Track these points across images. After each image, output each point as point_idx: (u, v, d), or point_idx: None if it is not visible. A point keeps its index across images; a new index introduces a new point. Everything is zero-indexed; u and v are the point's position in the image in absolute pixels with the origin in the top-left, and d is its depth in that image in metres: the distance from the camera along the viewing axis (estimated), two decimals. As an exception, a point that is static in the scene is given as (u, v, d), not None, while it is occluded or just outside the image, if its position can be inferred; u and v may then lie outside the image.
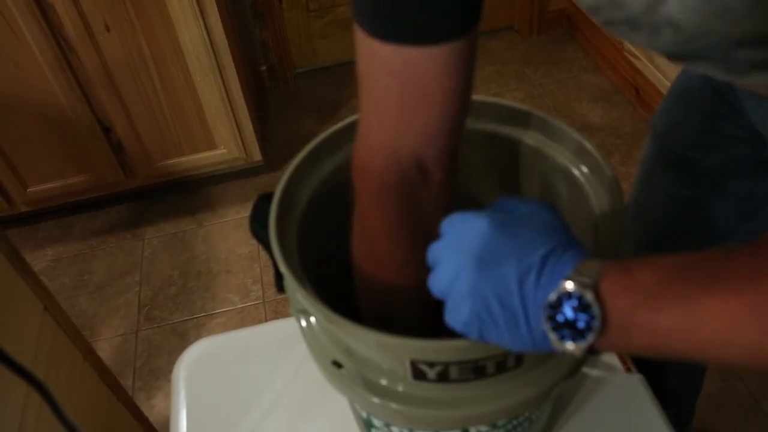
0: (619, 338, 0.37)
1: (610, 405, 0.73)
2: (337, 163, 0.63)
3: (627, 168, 2.02)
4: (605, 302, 0.36)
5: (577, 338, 0.37)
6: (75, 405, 0.85)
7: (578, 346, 0.37)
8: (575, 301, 0.37)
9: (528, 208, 0.44)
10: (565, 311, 0.37)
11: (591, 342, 0.37)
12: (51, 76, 1.65)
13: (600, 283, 0.37)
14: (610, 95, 2.30)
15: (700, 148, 0.77)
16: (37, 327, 0.80)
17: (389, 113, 0.50)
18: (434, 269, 0.44)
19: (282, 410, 0.76)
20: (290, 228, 0.58)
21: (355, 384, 0.51)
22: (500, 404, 0.49)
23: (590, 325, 0.36)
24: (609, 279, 0.37)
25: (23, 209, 1.91)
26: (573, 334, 0.37)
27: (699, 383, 1.12)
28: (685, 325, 0.33)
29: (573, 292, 0.37)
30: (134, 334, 1.71)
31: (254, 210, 0.59)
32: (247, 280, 1.82)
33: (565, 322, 0.37)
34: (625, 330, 0.36)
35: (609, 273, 0.37)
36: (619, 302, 0.36)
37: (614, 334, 0.37)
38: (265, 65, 2.43)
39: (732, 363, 0.34)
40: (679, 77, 0.80)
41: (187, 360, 0.83)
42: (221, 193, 2.09)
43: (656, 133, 0.84)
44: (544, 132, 0.62)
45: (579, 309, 0.37)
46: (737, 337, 0.32)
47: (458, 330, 0.43)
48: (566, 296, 0.37)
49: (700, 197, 0.80)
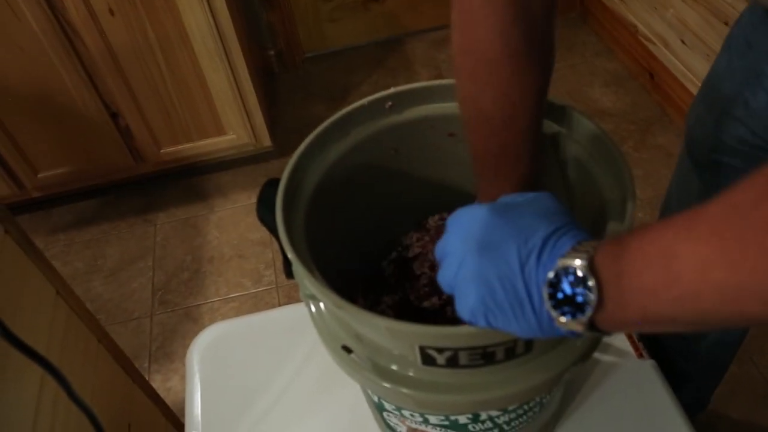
0: (616, 309, 0.37)
1: (621, 390, 0.73)
2: (344, 148, 0.63)
3: (640, 154, 2.00)
4: (600, 274, 0.36)
5: (577, 313, 0.37)
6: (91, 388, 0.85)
7: (579, 321, 0.38)
8: (572, 277, 0.37)
9: (527, 197, 0.44)
10: (563, 287, 0.37)
11: (590, 315, 0.37)
12: (56, 61, 1.65)
13: (595, 257, 0.37)
14: (623, 80, 2.27)
15: (720, 146, 0.77)
16: (50, 312, 0.80)
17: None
18: (441, 263, 0.45)
19: (294, 393, 0.77)
20: (297, 213, 0.58)
21: (365, 369, 0.51)
22: (510, 390, 0.49)
23: (587, 299, 0.37)
24: (602, 252, 0.37)
25: (34, 194, 1.93)
26: (573, 309, 0.37)
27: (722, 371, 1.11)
28: (666, 279, 0.33)
29: (569, 268, 0.37)
30: (149, 318, 1.73)
31: (261, 195, 0.59)
32: (260, 265, 1.82)
33: (565, 298, 0.38)
34: (619, 299, 0.36)
35: (603, 246, 0.37)
36: (610, 272, 0.36)
37: (611, 305, 0.37)
38: (273, 50, 2.42)
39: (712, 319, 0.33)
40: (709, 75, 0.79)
41: (200, 344, 0.84)
42: (232, 178, 2.09)
43: (687, 130, 0.83)
44: (560, 121, 0.62)
45: (576, 284, 0.37)
46: (710, 281, 0.32)
47: (466, 319, 0.43)
48: (564, 272, 0.37)
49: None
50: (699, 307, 0.33)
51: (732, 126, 0.73)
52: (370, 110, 0.63)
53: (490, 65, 0.52)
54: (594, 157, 0.58)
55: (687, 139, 0.84)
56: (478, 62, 0.53)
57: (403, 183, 0.70)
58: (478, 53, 0.52)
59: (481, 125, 0.56)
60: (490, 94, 0.53)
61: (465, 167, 0.69)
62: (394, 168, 0.68)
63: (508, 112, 0.54)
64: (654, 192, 1.88)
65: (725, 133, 0.74)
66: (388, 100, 0.64)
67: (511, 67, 0.52)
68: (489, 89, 0.53)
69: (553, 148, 0.62)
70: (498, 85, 0.53)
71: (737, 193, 0.32)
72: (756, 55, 0.67)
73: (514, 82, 0.53)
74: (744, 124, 0.71)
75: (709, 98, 0.78)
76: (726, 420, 1.39)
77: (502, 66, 0.52)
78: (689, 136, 0.84)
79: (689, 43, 1.92)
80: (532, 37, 0.52)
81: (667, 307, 0.34)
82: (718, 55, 0.77)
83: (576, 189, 0.61)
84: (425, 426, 0.60)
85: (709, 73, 0.79)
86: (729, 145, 0.75)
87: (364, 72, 2.44)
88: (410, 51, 2.52)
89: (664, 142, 2.03)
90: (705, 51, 1.84)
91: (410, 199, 0.71)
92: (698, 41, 1.87)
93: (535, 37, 0.52)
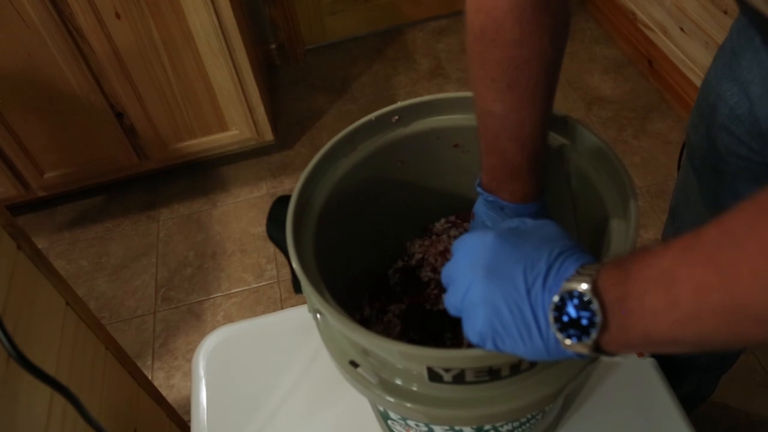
0: (620, 332, 0.38)
1: (622, 389, 0.74)
2: (352, 162, 0.64)
3: (639, 141, 2.00)
4: (603, 297, 0.37)
5: (582, 336, 0.38)
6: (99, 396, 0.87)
7: (585, 344, 0.39)
8: (576, 300, 0.38)
9: (531, 223, 0.45)
10: (568, 310, 0.38)
11: (595, 338, 0.38)
12: (63, 63, 1.66)
13: (598, 279, 0.38)
14: (622, 67, 2.27)
15: (712, 153, 0.77)
16: (60, 322, 0.82)
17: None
18: (449, 288, 0.46)
19: (299, 397, 0.78)
20: (307, 230, 0.59)
21: (372, 384, 0.52)
22: (515, 404, 0.50)
23: (592, 321, 0.38)
24: (604, 275, 0.38)
25: (40, 194, 1.94)
26: (578, 332, 0.38)
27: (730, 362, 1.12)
28: (666, 302, 0.34)
29: (574, 291, 0.38)
30: (152, 315, 1.75)
31: (271, 213, 0.59)
32: (261, 259, 1.84)
33: (570, 321, 0.38)
34: (622, 322, 0.37)
35: (605, 269, 0.38)
36: (612, 295, 0.37)
37: (615, 328, 0.38)
38: (275, 43, 2.42)
39: (712, 341, 0.34)
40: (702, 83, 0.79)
41: (205, 348, 0.84)
42: (234, 173, 2.10)
43: (686, 136, 0.84)
44: (563, 132, 0.62)
45: (580, 307, 0.38)
46: (708, 305, 0.33)
47: (474, 342, 0.44)
48: (568, 296, 0.38)
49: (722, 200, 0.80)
50: (699, 330, 0.34)
51: (720, 134, 0.73)
52: (378, 124, 0.64)
53: (496, 24, 0.52)
54: (597, 169, 0.59)
55: (687, 145, 0.85)
56: (485, 21, 0.53)
57: (409, 193, 0.71)
58: (486, 12, 0.52)
59: (487, 89, 0.55)
60: (496, 54, 0.53)
61: (469, 176, 0.70)
62: (400, 179, 0.69)
63: (512, 75, 0.53)
64: (653, 179, 1.88)
65: (714, 140, 0.75)
66: (395, 114, 0.64)
67: (517, 29, 0.52)
68: (495, 49, 0.53)
69: (557, 159, 0.63)
70: (504, 46, 0.52)
71: (731, 219, 0.33)
72: (740, 63, 0.68)
73: (519, 45, 0.52)
74: (729, 133, 0.72)
75: (700, 106, 0.78)
76: (724, 409, 1.40)
77: (509, 27, 0.52)
78: (688, 142, 0.84)
79: (688, 31, 1.91)
80: (542, 3, 0.51)
81: (668, 330, 0.35)
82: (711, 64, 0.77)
83: (579, 199, 0.62)
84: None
85: (702, 81, 0.79)
86: (720, 154, 0.75)
87: (365, 63, 2.43)
88: (410, 41, 2.51)
89: (662, 129, 2.03)
90: (704, 39, 1.84)
91: (416, 208, 0.72)
92: (697, 29, 1.86)
93: (545, 3, 0.52)
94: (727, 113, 0.70)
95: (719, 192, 0.79)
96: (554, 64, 0.55)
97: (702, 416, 1.34)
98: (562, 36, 0.55)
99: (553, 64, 0.54)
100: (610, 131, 2.05)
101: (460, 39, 2.49)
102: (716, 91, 0.72)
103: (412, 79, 2.32)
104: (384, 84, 2.31)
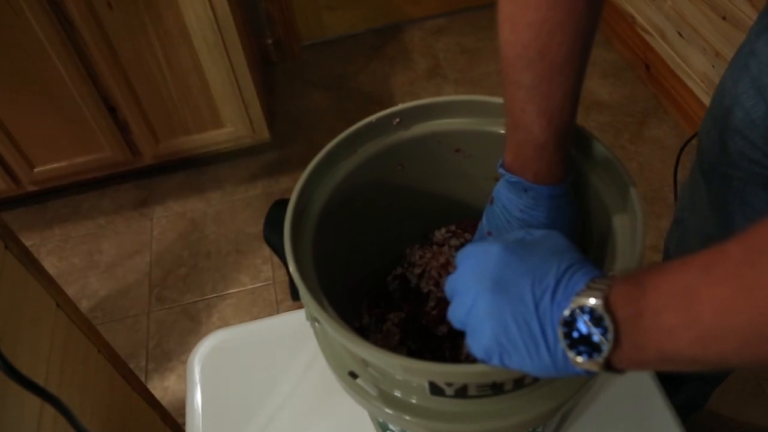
0: (633, 350, 0.36)
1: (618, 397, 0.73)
2: (351, 166, 0.63)
3: (636, 147, 2.00)
4: (616, 313, 0.36)
5: (593, 353, 0.37)
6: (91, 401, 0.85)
7: (595, 362, 0.37)
8: (587, 316, 0.37)
9: (538, 234, 0.44)
10: (579, 326, 0.37)
11: (606, 356, 0.37)
12: (54, 55, 1.63)
13: (609, 295, 0.37)
14: (620, 71, 2.26)
15: (724, 158, 0.76)
16: (50, 326, 0.80)
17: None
18: (453, 300, 0.44)
19: (296, 403, 0.77)
20: (305, 234, 0.57)
21: (372, 396, 0.51)
22: (518, 419, 0.49)
23: (604, 337, 0.37)
24: (617, 290, 0.37)
25: (30, 189, 1.91)
26: (589, 349, 0.37)
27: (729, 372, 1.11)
28: (685, 320, 0.33)
29: (585, 307, 0.37)
30: (146, 315, 1.73)
31: (268, 217, 0.58)
32: (257, 260, 1.82)
33: (580, 337, 0.37)
34: (637, 339, 0.36)
35: (618, 284, 0.37)
36: (626, 311, 0.36)
37: (628, 345, 0.36)
38: (271, 39, 2.40)
39: (733, 360, 0.33)
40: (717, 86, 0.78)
41: (201, 352, 0.83)
42: (229, 171, 2.08)
43: (698, 140, 0.83)
44: None
45: (592, 323, 0.37)
46: (731, 325, 0.32)
47: (479, 357, 0.43)
48: (579, 311, 0.37)
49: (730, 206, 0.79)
50: (720, 349, 0.33)
51: (733, 138, 0.73)
52: (378, 127, 0.63)
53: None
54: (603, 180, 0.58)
55: (697, 148, 0.84)
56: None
57: (408, 197, 0.69)
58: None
59: (517, 56, 0.52)
60: (529, 15, 0.50)
61: (470, 181, 0.69)
62: (399, 183, 0.68)
63: (544, 41, 0.50)
64: (649, 186, 1.88)
65: (728, 145, 0.74)
66: (396, 117, 0.63)
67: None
68: (527, 10, 0.50)
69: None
70: (537, 7, 0.49)
71: (756, 235, 0.32)
72: (758, 66, 0.67)
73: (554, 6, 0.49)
74: (744, 137, 0.71)
75: (714, 109, 0.77)
76: (716, 417, 1.40)
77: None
78: (699, 146, 0.83)
79: (686, 36, 1.91)
80: None
81: (686, 348, 0.34)
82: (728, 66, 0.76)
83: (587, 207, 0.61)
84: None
85: (718, 84, 0.78)
86: (732, 158, 0.74)
87: (362, 61, 2.42)
88: (408, 39, 2.50)
89: (659, 134, 2.03)
90: (702, 45, 1.83)
91: (415, 212, 0.71)
92: (696, 35, 1.86)
93: None
94: (743, 116, 0.70)
95: (727, 198, 0.78)
96: (589, 33, 0.51)
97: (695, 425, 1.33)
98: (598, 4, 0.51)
99: (587, 32, 0.51)
100: (607, 136, 2.04)
101: (459, 39, 2.47)
102: (732, 93, 0.71)
103: (410, 78, 2.31)
104: (381, 83, 2.29)
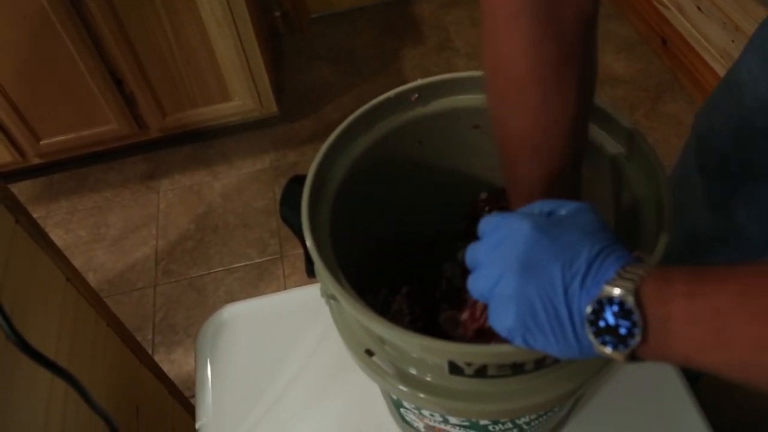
0: (659, 347, 0.36)
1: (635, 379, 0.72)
2: (369, 141, 0.62)
3: (651, 122, 1.97)
4: (645, 310, 0.36)
5: (618, 345, 0.37)
6: (100, 374, 0.85)
7: (621, 353, 0.37)
8: (616, 307, 0.36)
9: (568, 209, 0.42)
10: (606, 316, 0.37)
11: (633, 349, 0.37)
12: (60, 27, 1.61)
13: (641, 289, 0.36)
14: (635, 45, 2.22)
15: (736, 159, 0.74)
16: (60, 299, 0.80)
17: None
18: (474, 272, 0.43)
19: (307, 379, 0.76)
20: (322, 210, 0.56)
21: (389, 374, 0.50)
22: (538, 399, 0.48)
23: (632, 331, 0.36)
24: (649, 286, 0.36)
25: (36, 161, 1.90)
26: (615, 340, 0.37)
27: None
28: (716, 341, 0.33)
29: (614, 298, 0.36)
30: (152, 289, 1.72)
31: (284, 193, 0.57)
32: (265, 234, 1.81)
33: (607, 327, 0.37)
34: (664, 340, 0.36)
35: (649, 280, 0.36)
36: (657, 311, 0.35)
37: (654, 342, 0.36)
38: (279, 11, 2.37)
39: (759, 384, 0.33)
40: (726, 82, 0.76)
41: (210, 327, 0.83)
42: (236, 144, 2.06)
43: (695, 136, 0.81)
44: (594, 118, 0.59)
45: (620, 315, 0.36)
46: (761, 360, 0.32)
47: (502, 335, 0.42)
48: (608, 301, 0.37)
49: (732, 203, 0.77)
50: (745, 375, 0.33)
51: (754, 138, 0.70)
52: (396, 102, 0.62)
53: (517, 86, 0.49)
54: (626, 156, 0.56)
55: (695, 145, 0.81)
56: (506, 83, 0.50)
57: (426, 174, 0.68)
58: (504, 73, 0.49)
59: (512, 151, 0.53)
60: (519, 118, 0.50)
61: (489, 158, 0.67)
62: (417, 160, 0.67)
63: (538, 140, 0.51)
64: (665, 162, 1.85)
65: (745, 145, 0.72)
66: (415, 92, 0.62)
67: (540, 90, 0.48)
68: (518, 113, 0.50)
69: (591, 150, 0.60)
70: (527, 109, 0.49)
71: None
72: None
73: (544, 107, 0.49)
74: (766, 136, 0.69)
75: (727, 107, 0.74)
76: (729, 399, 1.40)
77: (530, 89, 0.49)
78: (698, 143, 0.80)
79: (705, 10, 1.87)
80: (564, 58, 0.48)
81: (711, 364, 0.34)
82: (737, 61, 0.73)
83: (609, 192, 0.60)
84: (444, 425, 0.59)
85: (726, 79, 0.75)
86: (748, 159, 0.72)
87: (371, 34, 2.38)
88: (417, 12, 2.46)
89: (675, 110, 2.00)
90: (722, 19, 1.79)
91: (433, 190, 0.70)
92: (715, 8, 1.82)
93: (568, 57, 0.48)
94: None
95: (729, 196, 0.76)
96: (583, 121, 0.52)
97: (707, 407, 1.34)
98: (591, 89, 0.51)
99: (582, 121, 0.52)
100: (622, 112, 2.01)
101: (469, 11, 2.43)
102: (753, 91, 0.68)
103: (420, 52, 2.27)
104: (390, 57, 2.26)
